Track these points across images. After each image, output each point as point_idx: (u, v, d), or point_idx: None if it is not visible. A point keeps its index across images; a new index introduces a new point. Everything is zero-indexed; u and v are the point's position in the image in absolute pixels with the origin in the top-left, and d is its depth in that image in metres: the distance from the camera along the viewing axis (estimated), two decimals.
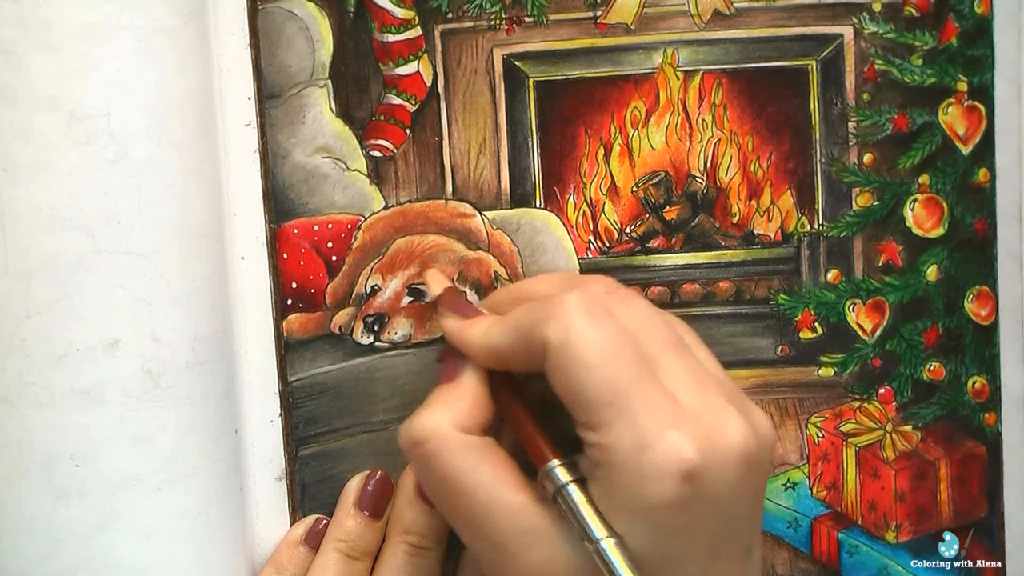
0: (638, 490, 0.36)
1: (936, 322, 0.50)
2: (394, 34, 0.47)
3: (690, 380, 0.38)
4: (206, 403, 0.44)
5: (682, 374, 0.38)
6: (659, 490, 0.36)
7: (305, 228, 0.47)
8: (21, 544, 0.42)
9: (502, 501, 0.39)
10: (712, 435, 0.37)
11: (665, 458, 0.36)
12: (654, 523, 0.36)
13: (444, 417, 0.41)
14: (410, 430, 0.41)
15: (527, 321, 0.40)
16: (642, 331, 0.39)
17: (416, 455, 0.40)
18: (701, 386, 0.38)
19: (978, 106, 0.49)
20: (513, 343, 0.41)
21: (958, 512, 0.51)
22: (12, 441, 0.41)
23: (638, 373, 0.37)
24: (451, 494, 0.40)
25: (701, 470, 0.36)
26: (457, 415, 0.41)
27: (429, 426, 0.40)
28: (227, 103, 0.45)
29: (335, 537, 0.46)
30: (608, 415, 0.37)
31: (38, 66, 0.40)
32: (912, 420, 0.51)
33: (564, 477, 0.38)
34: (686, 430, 0.36)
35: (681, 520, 0.36)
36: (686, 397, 0.38)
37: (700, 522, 0.37)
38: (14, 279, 0.41)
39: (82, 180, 0.41)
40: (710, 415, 0.37)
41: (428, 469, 0.40)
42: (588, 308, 0.39)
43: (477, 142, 0.49)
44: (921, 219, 0.50)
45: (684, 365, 0.39)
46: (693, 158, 0.50)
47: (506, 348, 0.41)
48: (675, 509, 0.36)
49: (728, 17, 0.49)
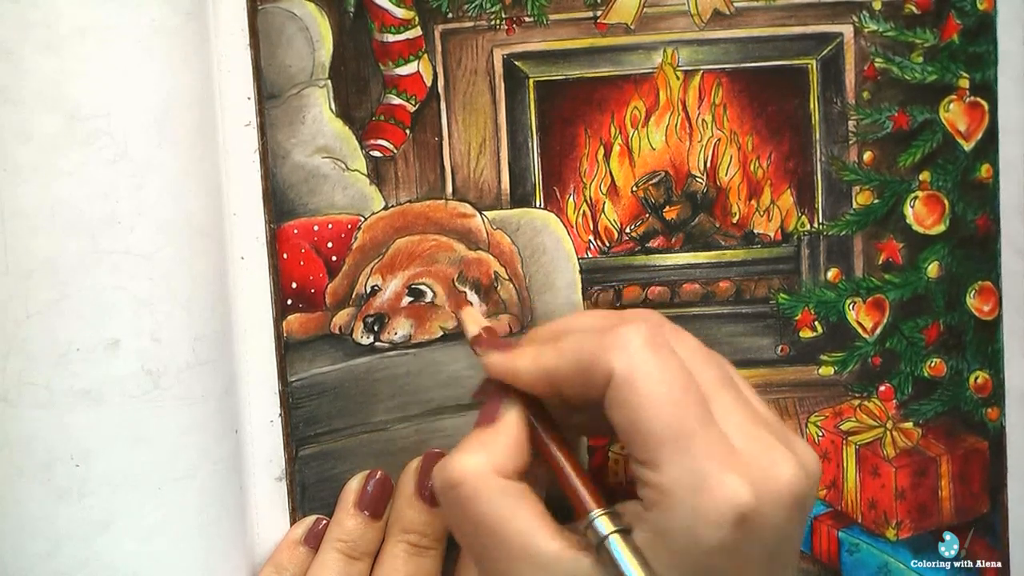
0: (692, 532, 0.36)
1: (937, 319, 0.50)
2: (394, 34, 0.48)
3: (743, 419, 0.38)
4: (206, 403, 0.44)
5: (735, 413, 0.38)
6: (715, 534, 0.35)
7: (305, 228, 0.47)
8: (21, 544, 0.42)
9: (538, 549, 0.38)
10: (766, 477, 0.36)
11: (723, 501, 0.35)
12: (702, 566, 0.36)
13: (482, 460, 0.39)
14: (447, 471, 0.40)
15: (589, 348, 0.39)
16: (697, 368, 0.39)
17: (451, 497, 0.39)
18: (753, 424, 0.38)
19: (981, 102, 0.49)
20: (570, 368, 0.39)
21: (959, 509, 0.51)
22: (12, 441, 0.41)
23: (701, 413, 0.37)
24: (486, 539, 0.39)
25: (755, 514, 0.36)
26: (495, 458, 0.40)
27: (468, 469, 0.39)
28: (227, 103, 0.45)
29: (335, 537, 0.46)
30: (669, 454, 0.36)
31: (38, 66, 0.40)
32: (913, 416, 0.50)
33: (609, 527, 0.37)
34: (741, 472, 0.36)
35: (730, 563, 0.36)
36: (738, 437, 0.37)
37: (747, 563, 0.36)
38: (14, 279, 0.41)
39: (82, 180, 0.41)
40: (763, 456, 0.37)
41: (463, 513, 0.39)
42: (653, 342, 0.38)
43: (477, 142, 0.49)
44: (922, 216, 0.50)
45: (736, 404, 0.38)
46: (693, 158, 0.50)
47: (562, 372, 0.40)
48: (726, 552, 0.36)
49: (728, 17, 0.49)
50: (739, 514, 0.35)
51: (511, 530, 0.38)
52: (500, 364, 0.42)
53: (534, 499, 0.39)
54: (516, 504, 0.39)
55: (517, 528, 0.38)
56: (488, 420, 0.41)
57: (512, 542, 0.38)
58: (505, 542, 0.38)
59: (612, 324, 0.39)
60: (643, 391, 0.37)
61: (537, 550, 0.38)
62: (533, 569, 0.38)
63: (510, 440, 0.41)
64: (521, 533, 0.38)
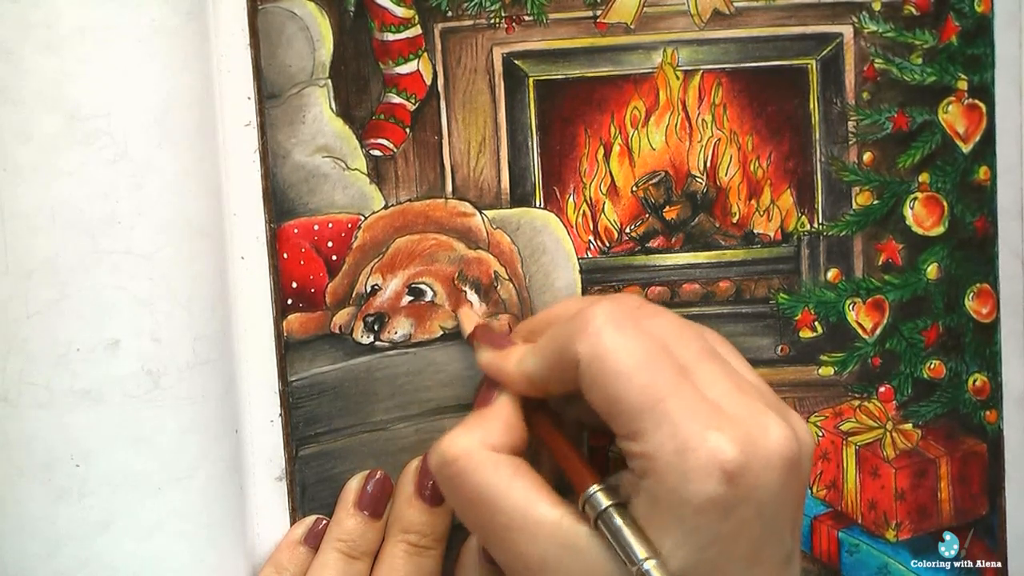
0: (681, 493, 0.36)
1: (936, 320, 0.50)
2: (394, 33, 0.47)
3: (728, 386, 0.38)
4: (206, 403, 0.44)
5: (719, 380, 0.38)
6: (702, 490, 0.36)
7: (305, 228, 0.47)
8: (21, 544, 0.42)
9: (537, 516, 0.38)
10: (753, 437, 0.37)
11: (708, 459, 0.36)
12: (697, 527, 0.36)
13: (474, 437, 0.41)
14: (440, 450, 0.41)
15: (558, 341, 0.40)
16: (674, 341, 0.39)
17: (446, 475, 0.40)
18: (740, 391, 0.38)
19: (979, 104, 0.49)
20: (547, 367, 0.41)
21: (959, 510, 0.51)
22: (12, 441, 0.41)
23: (675, 378, 0.37)
24: (484, 511, 0.39)
25: (743, 470, 0.36)
26: (487, 435, 0.41)
27: (460, 445, 0.40)
28: (227, 103, 0.45)
29: (335, 537, 0.46)
30: (648, 422, 0.37)
31: (38, 66, 0.40)
32: (912, 418, 0.51)
33: (605, 501, 0.38)
34: (727, 432, 0.36)
35: (724, 524, 0.36)
36: (725, 402, 0.37)
37: (742, 526, 0.36)
38: (14, 279, 0.41)
39: (82, 180, 0.41)
40: (750, 418, 0.37)
41: (459, 488, 0.40)
42: (616, 319, 0.39)
43: (477, 141, 0.49)
44: (921, 218, 0.50)
45: (720, 371, 0.39)
46: (693, 158, 0.50)
47: (542, 373, 0.41)
48: (718, 511, 0.36)
49: (728, 16, 0.49)
50: (725, 470, 0.36)
51: (508, 501, 0.39)
52: (491, 365, 0.44)
53: (531, 472, 0.40)
54: (512, 476, 0.40)
55: (515, 499, 0.39)
56: (483, 403, 0.43)
57: (511, 511, 0.39)
58: (503, 513, 0.39)
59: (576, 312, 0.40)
60: (610, 367, 0.38)
61: (536, 518, 0.38)
62: (532, 538, 0.38)
63: (502, 419, 0.42)
64: (519, 503, 0.39)
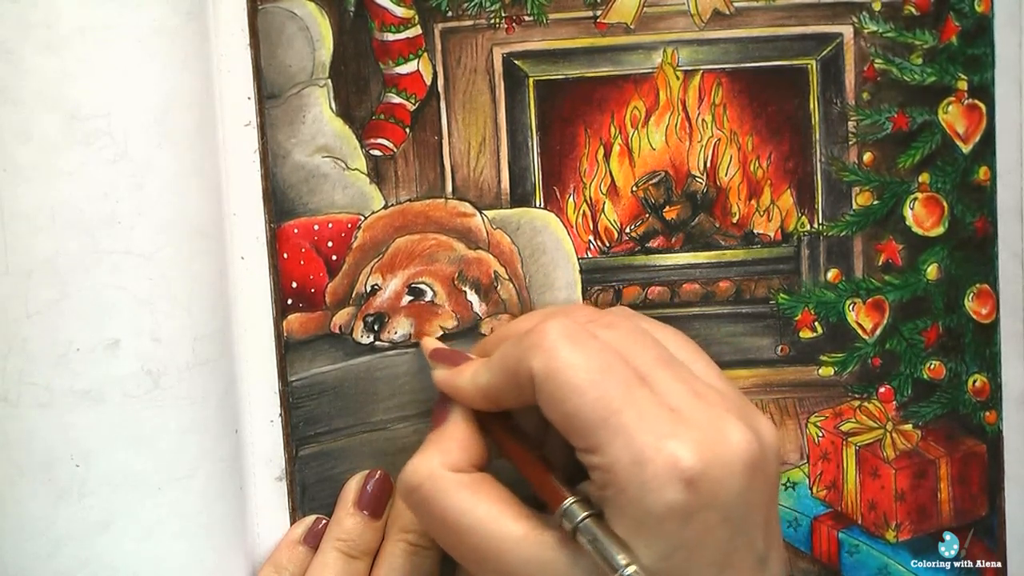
0: (642, 503, 0.36)
1: (936, 321, 0.50)
2: (394, 33, 0.47)
3: (685, 392, 0.38)
4: (206, 403, 0.44)
5: (675, 387, 0.38)
6: (662, 499, 0.36)
7: (305, 228, 0.47)
8: (21, 544, 0.42)
9: (504, 533, 0.39)
10: (712, 442, 0.37)
11: (665, 467, 0.36)
12: (661, 535, 0.36)
13: (434, 460, 0.41)
14: (404, 478, 0.41)
15: (511, 356, 0.40)
16: (629, 351, 0.39)
17: (413, 501, 0.41)
18: (697, 396, 0.38)
19: (979, 104, 0.49)
20: (501, 381, 0.41)
21: (959, 511, 0.51)
22: (12, 441, 0.41)
23: (628, 389, 0.37)
24: (453, 533, 0.40)
25: (702, 476, 0.36)
26: (447, 456, 0.41)
27: (421, 471, 0.41)
28: (227, 103, 0.45)
29: (335, 536, 0.46)
30: (604, 435, 0.37)
31: (38, 66, 0.40)
32: (912, 419, 0.51)
33: (580, 512, 0.38)
34: (684, 438, 0.36)
35: (687, 530, 0.36)
36: (683, 408, 0.38)
37: (707, 532, 0.36)
38: (14, 279, 0.41)
39: (82, 180, 0.41)
40: (708, 423, 0.37)
41: (427, 512, 0.41)
42: (569, 333, 0.39)
43: (477, 141, 0.49)
44: (921, 218, 0.50)
45: (677, 378, 0.39)
46: (693, 158, 0.50)
47: (495, 387, 0.41)
48: (680, 518, 0.36)
49: (728, 17, 0.49)
50: (684, 478, 0.36)
51: (474, 519, 0.39)
52: (445, 383, 0.44)
53: (494, 485, 0.40)
54: (475, 494, 0.40)
55: (479, 516, 0.39)
56: (439, 422, 0.43)
57: (477, 530, 0.39)
58: (470, 532, 0.39)
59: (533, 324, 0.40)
60: (564, 381, 0.38)
61: (502, 534, 0.39)
62: (503, 553, 0.39)
63: (458, 437, 0.42)
64: (484, 520, 0.39)
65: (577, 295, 0.49)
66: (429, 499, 0.40)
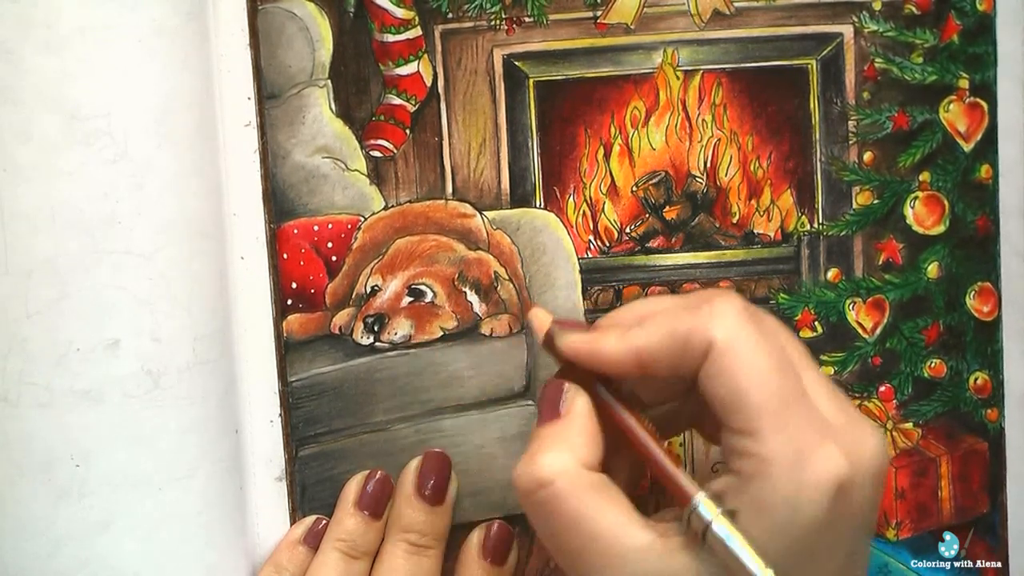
0: (793, 503, 0.35)
1: (937, 319, 0.50)
2: (394, 34, 0.48)
3: (829, 394, 0.38)
4: (206, 403, 0.44)
5: (822, 388, 0.38)
6: (815, 504, 0.35)
7: (305, 228, 0.47)
8: (21, 544, 0.42)
9: (631, 542, 0.37)
10: (857, 448, 0.36)
11: (824, 472, 0.35)
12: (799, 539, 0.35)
13: (567, 456, 0.38)
14: (534, 471, 0.38)
15: (683, 322, 0.38)
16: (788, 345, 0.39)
17: (540, 498, 0.38)
18: (838, 400, 0.38)
19: (980, 103, 0.49)
20: (664, 344, 0.38)
21: (959, 509, 0.51)
22: (12, 441, 0.41)
23: (798, 385, 0.37)
24: (577, 538, 0.38)
25: (850, 484, 0.36)
26: (579, 453, 0.39)
27: (556, 467, 0.38)
28: (227, 103, 0.45)
29: (335, 537, 0.46)
30: (770, 424, 0.36)
31: (38, 66, 0.40)
32: (912, 417, 0.51)
33: (712, 512, 0.36)
34: (839, 443, 0.36)
35: (824, 538, 0.36)
36: (828, 412, 0.37)
37: (839, 540, 0.36)
38: (14, 279, 0.41)
39: (82, 180, 0.41)
40: (852, 428, 0.37)
41: (552, 513, 0.38)
42: (749, 314, 0.38)
43: (477, 142, 0.49)
44: (922, 217, 0.50)
45: (821, 379, 0.39)
46: (693, 158, 0.50)
47: (653, 348, 0.39)
48: (823, 525, 0.35)
49: (728, 17, 0.49)
50: (838, 484, 0.35)
51: (602, 525, 0.37)
52: (583, 345, 0.40)
53: (617, 491, 0.39)
54: (606, 498, 0.38)
55: (608, 523, 0.37)
56: (552, 414, 0.40)
57: (604, 538, 0.37)
58: (597, 538, 0.37)
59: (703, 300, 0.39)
60: (746, 360, 0.37)
61: (629, 543, 0.37)
62: (625, 563, 0.37)
63: (585, 432, 0.40)
64: (612, 527, 0.37)
65: (577, 295, 0.49)
66: (559, 498, 0.38)
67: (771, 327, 0.39)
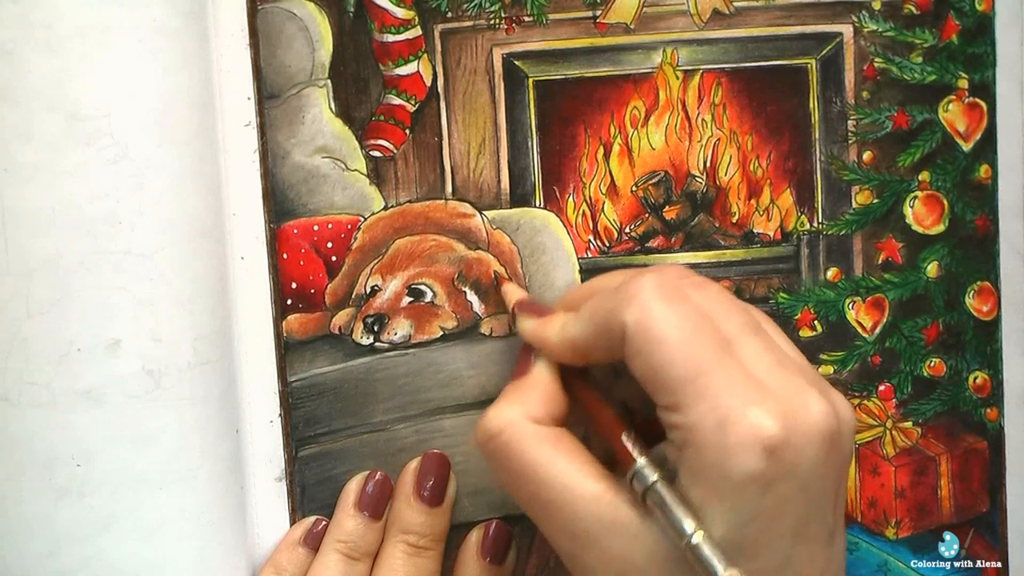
0: (722, 467, 0.36)
1: (936, 319, 0.50)
2: (394, 34, 0.48)
3: (770, 360, 0.38)
4: (207, 403, 0.44)
5: (761, 355, 0.38)
6: (743, 465, 0.35)
7: (305, 228, 0.48)
8: (21, 544, 0.42)
9: (580, 490, 0.38)
10: (794, 412, 0.36)
11: (748, 433, 0.35)
12: (738, 502, 0.36)
13: (517, 409, 0.41)
14: (484, 424, 0.41)
15: (604, 308, 0.39)
16: (719, 314, 0.39)
17: (491, 448, 0.40)
18: (781, 366, 0.38)
19: (979, 103, 0.49)
20: (591, 333, 0.40)
21: (959, 508, 0.51)
22: (12, 441, 0.41)
23: (718, 352, 0.37)
24: (528, 485, 0.39)
25: (783, 445, 0.36)
26: (530, 406, 0.41)
27: (503, 418, 0.40)
28: (227, 103, 0.45)
29: (335, 538, 0.46)
30: (690, 394, 0.36)
31: (39, 66, 0.40)
32: (912, 416, 0.51)
33: (652, 474, 0.37)
34: (768, 407, 0.36)
35: (765, 499, 0.36)
36: (766, 376, 0.37)
37: (783, 502, 0.36)
38: (14, 279, 0.41)
39: (82, 180, 0.41)
40: (791, 393, 0.37)
41: (504, 461, 0.40)
42: (664, 290, 0.38)
43: (477, 142, 0.49)
44: (921, 216, 0.50)
45: (763, 346, 0.38)
46: (693, 157, 0.50)
47: (585, 339, 0.41)
48: (759, 486, 0.35)
49: (727, 16, 0.49)
50: (766, 445, 0.35)
51: (552, 472, 0.39)
52: (532, 332, 0.44)
53: (573, 443, 0.40)
54: (555, 447, 0.40)
55: (557, 471, 0.39)
56: (520, 372, 0.43)
57: (554, 484, 0.39)
58: (546, 484, 0.39)
59: (625, 280, 0.40)
60: (656, 336, 0.37)
61: (580, 491, 0.38)
62: (574, 512, 0.38)
63: (542, 389, 0.42)
64: (562, 475, 0.39)
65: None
66: (508, 447, 0.40)
67: (704, 299, 0.39)
